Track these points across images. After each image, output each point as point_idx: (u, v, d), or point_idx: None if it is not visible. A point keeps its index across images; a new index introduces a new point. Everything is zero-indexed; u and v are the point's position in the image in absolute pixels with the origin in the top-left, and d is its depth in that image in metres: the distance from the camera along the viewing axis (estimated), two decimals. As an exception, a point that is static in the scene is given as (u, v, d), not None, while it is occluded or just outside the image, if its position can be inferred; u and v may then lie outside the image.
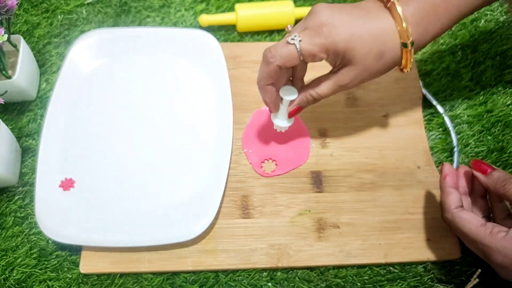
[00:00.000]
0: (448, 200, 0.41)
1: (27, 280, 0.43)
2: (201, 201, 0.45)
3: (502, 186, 0.38)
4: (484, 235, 0.37)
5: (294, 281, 0.44)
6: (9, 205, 0.47)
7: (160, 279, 0.44)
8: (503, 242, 0.36)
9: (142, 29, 0.54)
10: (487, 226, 0.38)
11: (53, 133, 0.48)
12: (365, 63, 0.38)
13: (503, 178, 0.39)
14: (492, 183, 0.39)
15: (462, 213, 0.39)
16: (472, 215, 0.39)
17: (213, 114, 0.50)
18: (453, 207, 0.40)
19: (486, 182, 0.40)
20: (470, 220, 0.38)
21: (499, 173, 0.39)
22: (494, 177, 0.39)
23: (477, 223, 0.38)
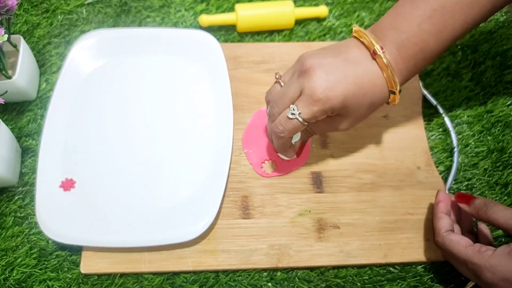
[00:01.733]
0: (439, 224, 0.43)
1: (27, 280, 0.43)
2: (201, 201, 0.45)
3: (484, 211, 0.40)
4: (473, 254, 0.38)
5: (294, 281, 0.44)
6: (9, 205, 0.47)
7: (160, 279, 0.44)
8: (491, 260, 0.37)
9: (142, 29, 0.54)
10: (474, 246, 0.39)
11: (53, 133, 0.48)
12: (358, 113, 0.41)
13: (484, 204, 0.41)
14: (475, 210, 0.41)
15: (451, 235, 0.41)
16: (460, 236, 0.41)
17: (213, 114, 0.50)
18: (443, 231, 0.42)
19: (470, 211, 0.42)
20: (458, 241, 0.40)
21: (480, 200, 0.41)
22: (476, 205, 0.41)
23: (465, 243, 0.40)
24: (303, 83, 0.39)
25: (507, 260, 0.36)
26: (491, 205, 0.40)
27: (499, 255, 0.37)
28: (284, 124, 0.40)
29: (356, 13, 0.58)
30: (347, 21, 0.58)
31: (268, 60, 0.54)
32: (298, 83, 0.39)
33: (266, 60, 0.54)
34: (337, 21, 0.58)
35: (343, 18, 0.58)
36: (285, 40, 0.56)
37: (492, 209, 0.40)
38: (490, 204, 0.40)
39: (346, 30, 0.57)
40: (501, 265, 0.36)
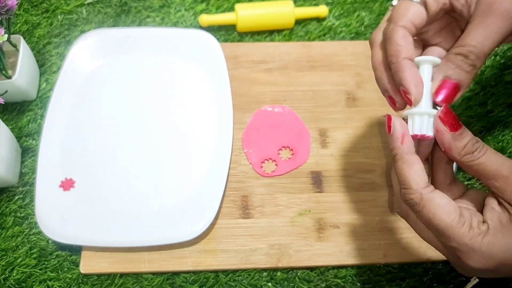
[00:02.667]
0: (412, 174, 0.29)
1: (27, 280, 0.43)
2: (201, 201, 0.45)
3: (471, 153, 0.29)
4: (464, 232, 0.28)
5: (294, 281, 0.44)
6: (9, 205, 0.47)
7: (160, 279, 0.44)
8: (488, 240, 0.28)
9: (142, 29, 0.54)
10: (466, 216, 0.29)
11: (53, 133, 0.48)
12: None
13: (473, 143, 0.29)
14: (459, 149, 0.29)
15: (435, 196, 0.29)
16: (448, 200, 0.29)
17: (213, 114, 0.50)
18: (422, 186, 0.29)
19: (450, 144, 0.29)
20: (445, 208, 0.29)
21: (469, 136, 0.29)
22: (464, 141, 0.29)
23: (454, 213, 0.29)
24: None
25: (506, 236, 0.28)
26: (483, 148, 0.29)
27: (496, 230, 0.28)
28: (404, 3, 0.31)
29: (356, 13, 0.58)
30: (347, 21, 0.58)
31: (268, 60, 0.54)
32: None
33: (266, 60, 0.54)
34: (337, 21, 0.58)
35: (343, 18, 0.58)
36: (285, 40, 0.56)
37: (484, 151, 0.29)
38: (482, 147, 0.29)
39: (346, 30, 0.57)
40: (499, 245, 0.28)
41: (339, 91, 0.53)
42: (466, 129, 0.30)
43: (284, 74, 0.53)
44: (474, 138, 0.29)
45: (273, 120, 0.51)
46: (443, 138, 0.30)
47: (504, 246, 0.28)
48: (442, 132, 0.30)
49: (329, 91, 0.53)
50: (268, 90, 0.52)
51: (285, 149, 0.50)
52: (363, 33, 0.57)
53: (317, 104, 0.52)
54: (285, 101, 0.52)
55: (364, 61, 0.54)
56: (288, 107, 0.52)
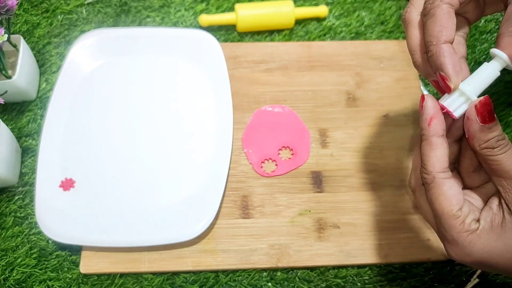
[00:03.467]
0: (431, 157, 0.30)
1: (27, 280, 0.43)
2: (201, 201, 0.45)
3: (491, 148, 0.29)
4: (454, 225, 0.30)
5: (294, 281, 0.44)
6: (9, 205, 0.47)
7: (160, 279, 0.44)
8: (473, 239, 0.30)
9: (142, 29, 0.54)
10: (463, 213, 0.30)
11: (53, 133, 0.48)
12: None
13: (498, 140, 0.29)
14: (481, 141, 0.29)
15: (445, 183, 0.30)
16: (456, 190, 0.30)
17: (213, 114, 0.50)
18: (437, 170, 0.30)
19: (475, 134, 0.30)
20: (450, 196, 0.30)
21: (497, 132, 0.29)
22: (489, 135, 0.29)
23: (456, 204, 0.30)
24: None
25: (492, 238, 0.29)
26: (504, 145, 0.29)
27: (484, 232, 0.30)
28: None
29: (356, 13, 0.58)
30: (347, 21, 0.58)
31: (268, 60, 0.54)
32: None
33: (266, 60, 0.54)
34: (337, 21, 0.58)
35: (343, 18, 0.58)
36: (285, 40, 0.56)
37: (505, 150, 0.29)
38: (507, 145, 0.29)
39: (346, 30, 0.57)
40: (484, 245, 0.29)
41: (339, 91, 0.53)
42: (498, 124, 0.29)
43: (284, 74, 0.53)
44: (501, 135, 0.29)
45: (273, 120, 0.51)
46: (470, 125, 0.30)
47: (484, 248, 0.29)
48: (472, 120, 0.30)
49: (329, 91, 0.53)
50: (268, 90, 0.52)
51: (285, 149, 0.50)
52: (363, 33, 0.57)
53: (317, 104, 0.52)
54: (285, 101, 0.52)
55: (364, 61, 0.54)
56: (288, 107, 0.52)
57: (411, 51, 0.32)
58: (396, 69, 0.54)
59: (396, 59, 0.54)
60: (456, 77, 0.30)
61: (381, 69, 0.54)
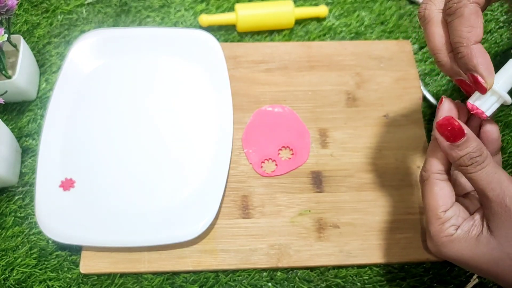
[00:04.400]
0: (431, 156, 0.33)
1: (27, 280, 0.44)
2: (201, 201, 0.45)
3: (465, 166, 0.30)
4: (433, 224, 0.32)
5: (294, 281, 0.44)
6: (9, 205, 0.47)
7: (160, 279, 0.44)
8: (445, 242, 0.32)
9: (142, 29, 0.54)
10: (445, 216, 0.32)
11: (53, 133, 0.48)
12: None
13: (470, 157, 0.30)
14: (453, 158, 0.30)
15: (439, 183, 0.32)
16: (445, 192, 0.32)
17: (213, 114, 0.50)
18: (433, 170, 0.33)
19: (446, 151, 0.31)
20: (438, 198, 0.32)
21: (469, 149, 0.30)
22: (460, 153, 0.30)
23: (442, 206, 0.32)
24: None
25: (464, 247, 0.31)
26: (479, 163, 0.30)
27: (456, 239, 0.31)
28: None
29: (356, 12, 0.58)
30: (347, 21, 0.58)
31: (268, 60, 0.54)
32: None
33: (266, 60, 0.54)
34: (337, 21, 0.58)
35: (343, 18, 0.58)
36: (285, 40, 0.56)
37: (480, 168, 0.30)
38: (482, 157, 0.30)
39: (346, 30, 0.57)
40: (454, 250, 0.32)
41: (339, 91, 0.53)
42: (470, 141, 0.30)
43: (284, 74, 0.53)
44: (476, 152, 0.30)
45: (273, 120, 0.51)
46: (440, 143, 0.31)
47: (453, 252, 0.32)
48: (439, 140, 0.31)
49: (329, 91, 0.53)
50: (268, 90, 0.52)
51: (285, 149, 0.50)
52: (363, 33, 0.57)
53: (317, 104, 0.52)
54: (285, 101, 0.52)
55: (364, 61, 0.54)
56: (288, 107, 0.52)
57: (435, 51, 0.32)
58: (396, 69, 0.54)
59: (396, 59, 0.54)
60: (490, 78, 0.30)
61: (381, 69, 0.54)
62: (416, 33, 0.57)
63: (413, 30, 0.57)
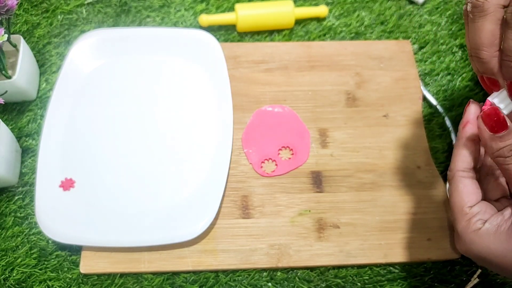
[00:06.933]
0: (456, 156, 0.34)
1: (27, 280, 0.43)
2: (201, 201, 0.45)
3: (504, 157, 0.30)
4: (461, 220, 0.33)
5: (294, 281, 0.44)
6: (9, 205, 0.47)
7: (160, 279, 0.44)
8: (473, 237, 0.32)
9: (142, 29, 0.54)
10: (472, 211, 0.32)
11: (53, 133, 0.48)
12: None
13: (510, 149, 0.30)
14: (493, 149, 0.30)
15: (463, 180, 0.33)
16: (470, 189, 0.33)
17: (213, 114, 0.50)
18: (458, 168, 0.33)
19: (487, 142, 0.31)
20: (462, 194, 0.33)
21: (510, 141, 0.30)
22: (500, 144, 0.30)
23: (466, 202, 0.33)
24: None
25: (493, 241, 0.31)
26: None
27: (485, 233, 0.31)
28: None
29: (356, 12, 0.58)
30: (347, 21, 0.58)
31: (268, 60, 0.54)
32: None
33: (266, 60, 0.54)
34: (337, 21, 0.58)
35: (343, 18, 0.58)
36: (285, 40, 0.56)
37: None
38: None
39: (346, 30, 0.57)
40: (482, 245, 0.31)
41: (339, 91, 0.53)
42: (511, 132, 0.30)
43: (284, 74, 0.53)
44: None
45: (273, 120, 0.51)
46: (481, 134, 0.32)
47: (483, 248, 0.31)
48: (481, 129, 0.31)
49: (329, 91, 0.53)
50: (268, 90, 0.52)
51: (285, 149, 0.50)
52: (363, 33, 0.57)
53: (317, 104, 0.52)
54: (285, 101, 0.52)
55: (364, 61, 0.54)
56: (288, 107, 0.52)
57: (480, 46, 0.30)
58: (396, 69, 0.54)
59: (396, 59, 0.54)
60: None
61: (381, 69, 0.54)
62: (416, 33, 0.57)
63: (413, 30, 0.57)
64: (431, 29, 0.57)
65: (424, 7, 0.59)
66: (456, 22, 0.58)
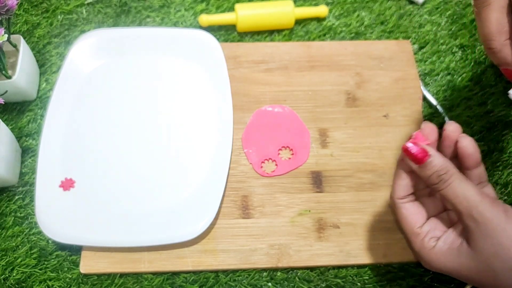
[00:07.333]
0: (395, 186, 0.36)
1: (27, 280, 0.44)
2: (201, 201, 0.45)
3: (435, 184, 0.33)
4: (415, 241, 0.35)
5: (294, 281, 0.44)
6: (9, 205, 0.47)
7: (160, 279, 0.44)
8: (429, 255, 0.34)
9: (142, 29, 0.54)
10: (422, 231, 0.35)
11: (53, 133, 0.48)
12: None
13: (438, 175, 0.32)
14: (424, 177, 0.33)
15: (404, 206, 0.35)
16: (412, 211, 0.35)
17: (213, 114, 0.50)
18: (397, 196, 0.35)
19: (416, 171, 0.33)
20: (407, 218, 0.35)
21: (436, 167, 0.32)
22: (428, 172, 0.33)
23: (414, 224, 0.35)
24: None
25: (448, 258, 0.33)
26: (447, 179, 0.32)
27: (439, 251, 0.34)
28: None
29: (356, 12, 0.58)
30: (347, 20, 0.58)
31: (268, 60, 0.54)
32: None
33: (266, 60, 0.54)
34: (337, 21, 0.58)
35: (343, 18, 0.58)
36: (285, 40, 0.56)
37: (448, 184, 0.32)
38: (450, 172, 0.32)
39: (346, 30, 0.57)
40: (439, 262, 0.34)
41: (339, 91, 0.53)
42: (435, 159, 0.32)
43: (284, 74, 0.53)
44: (442, 170, 0.32)
45: (273, 120, 0.51)
46: (410, 165, 0.34)
47: (440, 264, 0.34)
48: (408, 162, 0.34)
49: (329, 91, 0.53)
50: (268, 90, 0.52)
51: (285, 149, 0.50)
52: (363, 33, 0.57)
53: (317, 104, 0.52)
54: (285, 101, 0.52)
55: (364, 61, 0.54)
56: (288, 107, 0.52)
57: (489, 36, 0.30)
58: (396, 69, 0.54)
59: (396, 59, 0.54)
60: None
61: (381, 69, 0.54)
62: (416, 33, 0.57)
63: (413, 30, 0.57)
64: (431, 29, 0.57)
65: (424, 7, 0.59)
66: (456, 22, 0.58)
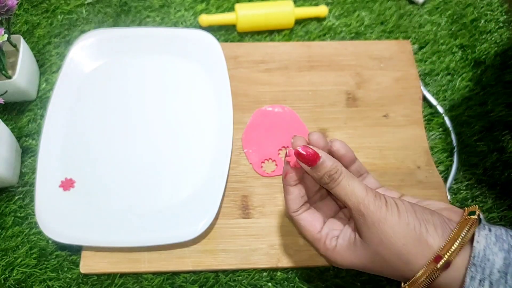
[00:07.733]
0: (287, 201, 0.38)
1: (27, 280, 0.43)
2: (201, 201, 0.45)
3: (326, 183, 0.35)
4: (319, 246, 0.37)
5: (294, 281, 0.44)
6: (9, 205, 0.47)
7: (160, 279, 0.44)
8: (333, 255, 0.36)
9: (142, 29, 0.54)
10: (322, 235, 0.37)
11: (53, 133, 0.48)
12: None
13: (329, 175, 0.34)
14: (316, 178, 0.35)
15: (300, 217, 0.37)
16: (310, 220, 0.37)
17: (213, 114, 0.50)
18: (291, 210, 0.37)
19: (310, 173, 0.35)
20: (306, 227, 0.37)
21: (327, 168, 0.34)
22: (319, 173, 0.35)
23: (313, 231, 0.37)
24: None
25: (348, 253, 0.35)
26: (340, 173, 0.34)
27: (341, 248, 0.35)
28: None
29: (356, 12, 0.58)
30: (347, 21, 0.58)
31: (268, 60, 0.54)
32: None
33: (266, 60, 0.54)
34: (337, 21, 0.58)
35: (343, 18, 0.58)
36: (285, 40, 0.56)
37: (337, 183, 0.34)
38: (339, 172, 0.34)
39: (346, 30, 0.57)
40: (343, 259, 0.35)
41: (339, 91, 0.53)
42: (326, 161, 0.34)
43: (284, 74, 0.53)
44: (332, 169, 0.34)
45: (273, 120, 0.51)
46: (304, 169, 0.35)
47: (345, 260, 0.35)
48: (302, 165, 0.35)
49: (329, 91, 0.53)
50: (268, 90, 0.52)
51: (285, 149, 0.50)
52: (363, 33, 0.57)
53: (317, 104, 0.52)
54: (285, 101, 0.52)
55: (364, 61, 0.54)
56: (288, 107, 0.52)
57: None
58: (396, 69, 0.54)
59: (396, 59, 0.54)
60: None
61: (381, 69, 0.54)
62: (416, 33, 0.57)
63: (413, 30, 0.57)
64: (431, 29, 0.57)
65: (424, 7, 0.59)
66: (456, 22, 0.58)
